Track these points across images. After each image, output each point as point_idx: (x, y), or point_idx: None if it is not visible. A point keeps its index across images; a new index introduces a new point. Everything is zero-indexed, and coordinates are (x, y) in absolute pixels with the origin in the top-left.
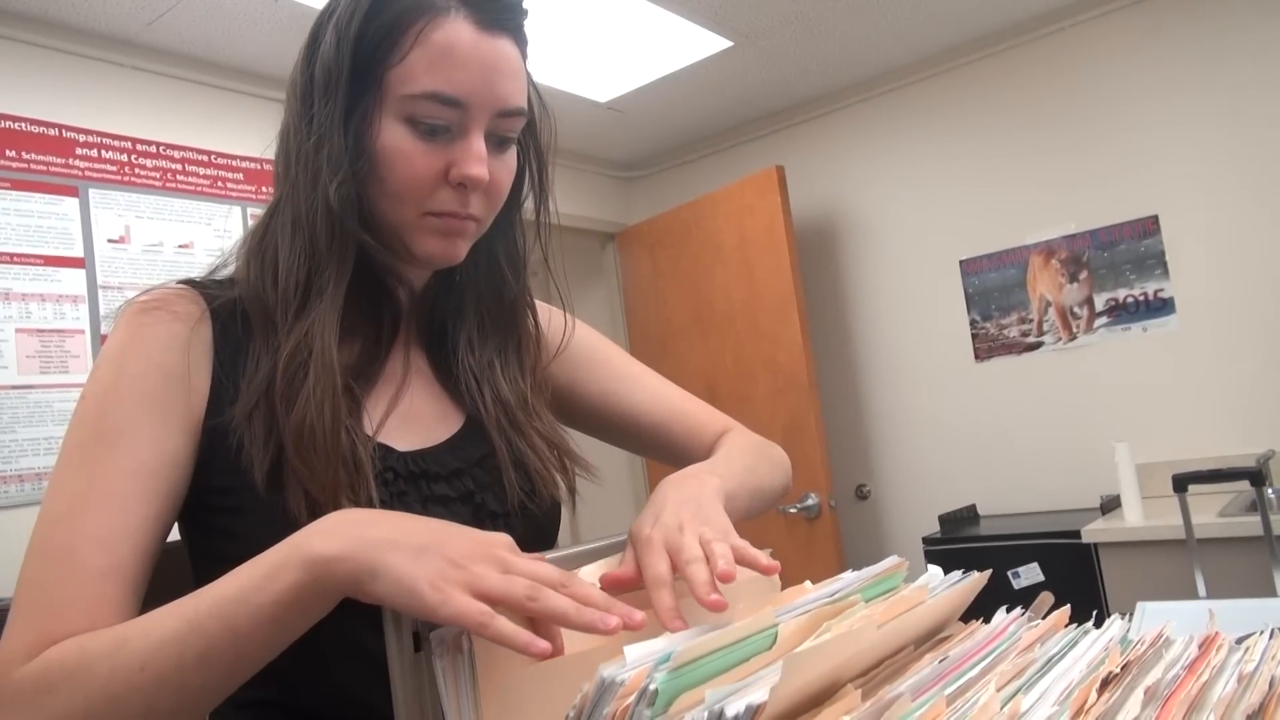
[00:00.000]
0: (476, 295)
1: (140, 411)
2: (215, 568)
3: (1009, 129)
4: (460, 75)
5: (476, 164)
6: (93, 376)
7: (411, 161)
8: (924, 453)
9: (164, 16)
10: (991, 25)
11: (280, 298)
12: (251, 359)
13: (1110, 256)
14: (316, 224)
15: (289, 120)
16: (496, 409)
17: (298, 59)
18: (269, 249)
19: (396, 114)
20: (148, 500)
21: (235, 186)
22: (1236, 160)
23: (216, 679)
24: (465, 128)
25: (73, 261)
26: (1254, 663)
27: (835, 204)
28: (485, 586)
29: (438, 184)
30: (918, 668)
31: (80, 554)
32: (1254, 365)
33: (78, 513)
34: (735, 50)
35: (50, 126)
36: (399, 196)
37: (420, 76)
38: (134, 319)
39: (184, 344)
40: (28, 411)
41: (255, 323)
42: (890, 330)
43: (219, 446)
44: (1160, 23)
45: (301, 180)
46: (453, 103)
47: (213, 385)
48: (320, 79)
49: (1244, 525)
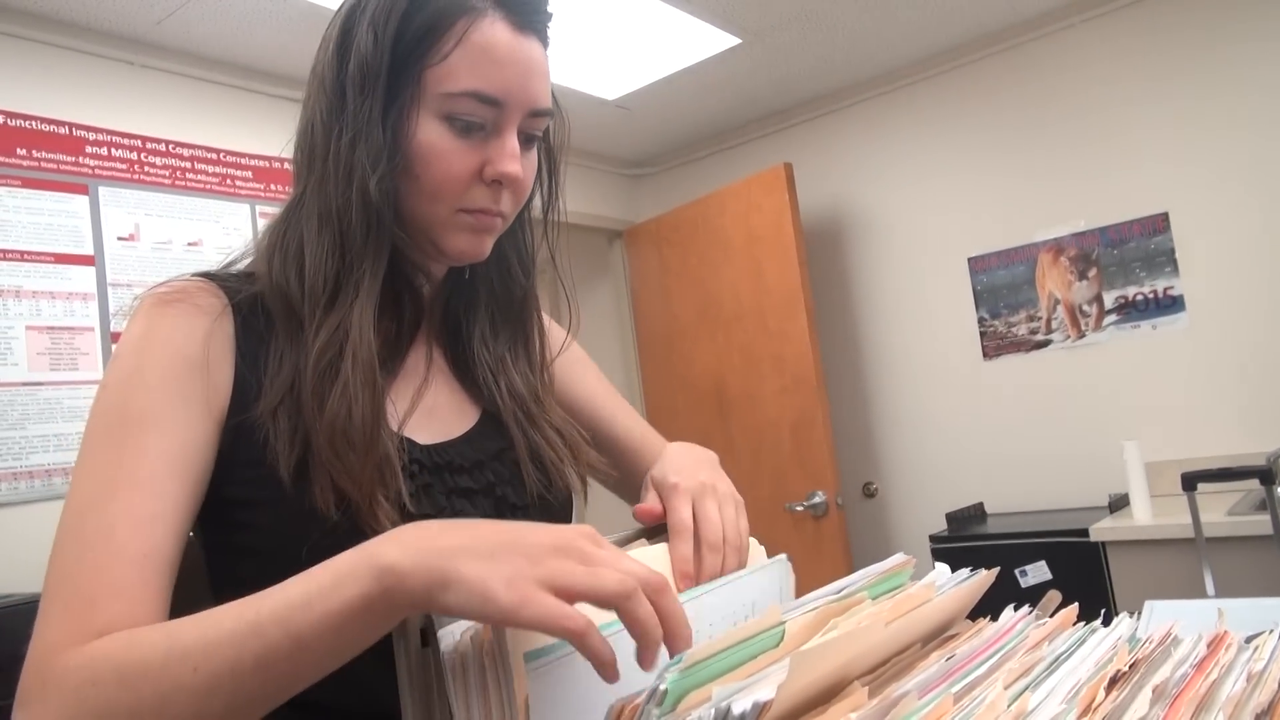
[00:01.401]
0: (489, 291)
1: (165, 397)
2: (235, 561)
3: (1018, 125)
4: (499, 75)
5: (512, 162)
6: (113, 366)
7: (448, 159)
8: (932, 451)
9: (174, 15)
10: (1000, 22)
11: (307, 292)
12: (275, 354)
13: (1120, 254)
14: (350, 218)
15: (314, 115)
16: (512, 402)
17: (325, 54)
18: (292, 244)
19: (434, 112)
20: (179, 484)
21: (244, 185)
22: (1247, 157)
23: (272, 687)
24: (500, 126)
25: (83, 259)
26: (1263, 662)
27: (843, 201)
28: (567, 583)
29: (472, 181)
30: (924, 665)
31: (117, 537)
32: (1264, 363)
33: (110, 496)
34: (743, 48)
35: (60, 125)
36: (434, 194)
37: (461, 75)
38: (154, 309)
39: (205, 336)
40: (38, 408)
41: (277, 318)
42: (898, 328)
43: (242, 443)
44: (1170, 19)
45: (332, 175)
46: (491, 102)
47: (235, 381)
48: (356, 75)
49: (1253, 524)
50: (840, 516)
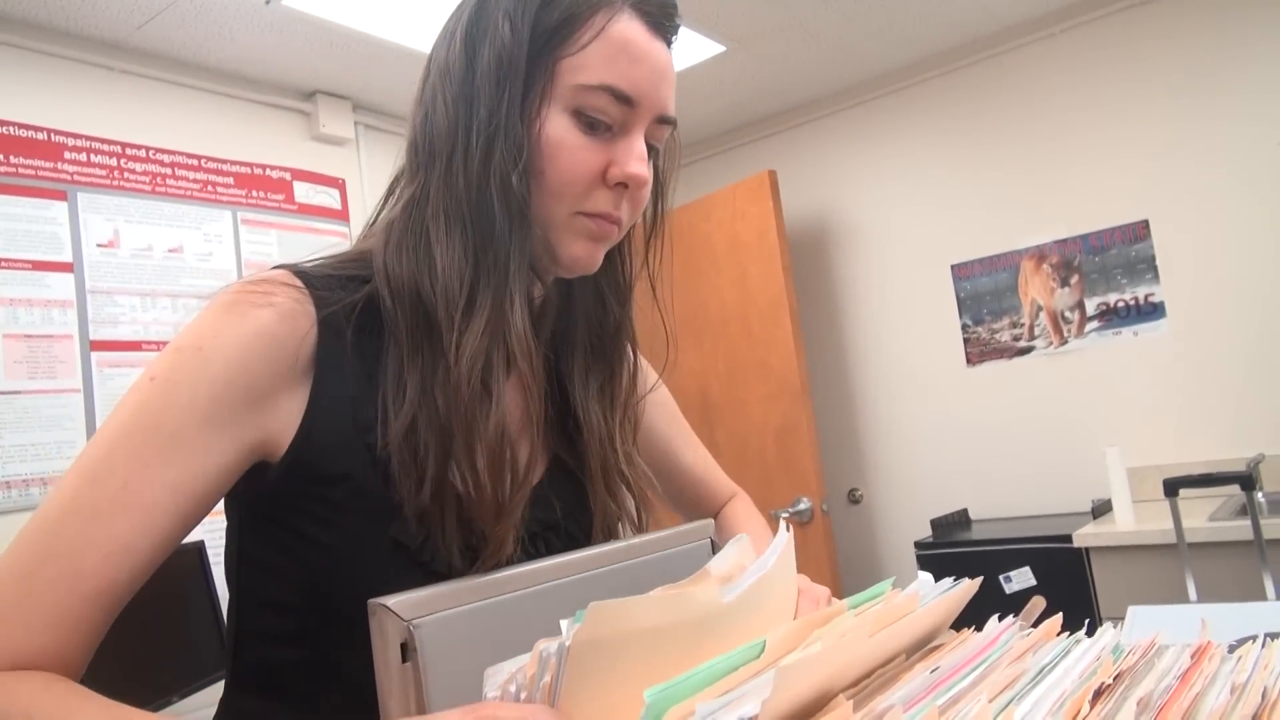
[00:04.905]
0: (586, 319)
1: (204, 417)
2: (272, 582)
3: (1000, 133)
4: (635, 72)
5: (640, 163)
6: (170, 360)
7: (575, 155)
8: (916, 457)
9: (154, 20)
10: (983, 30)
11: (440, 294)
12: (392, 370)
13: (1101, 261)
14: (491, 213)
15: (437, 108)
16: (598, 452)
17: (450, 45)
18: (417, 244)
19: (564, 105)
20: (173, 520)
21: (225, 191)
22: (1227, 164)
23: None
24: (628, 127)
25: (61, 266)
26: (1247, 673)
27: (827, 208)
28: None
29: (595, 182)
30: (909, 678)
31: (84, 563)
32: (1244, 369)
33: (97, 514)
34: (728, 55)
35: (39, 130)
36: (557, 191)
37: (597, 68)
38: (234, 310)
39: (286, 345)
40: (15, 417)
41: (400, 324)
42: (882, 334)
43: (308, 477)
44: (1151, 28)
45: (462, 169)
46: (625, 99)
47: (307, 413)
48: (493, 66)
49: (1234, 529)
50: (826, 523)
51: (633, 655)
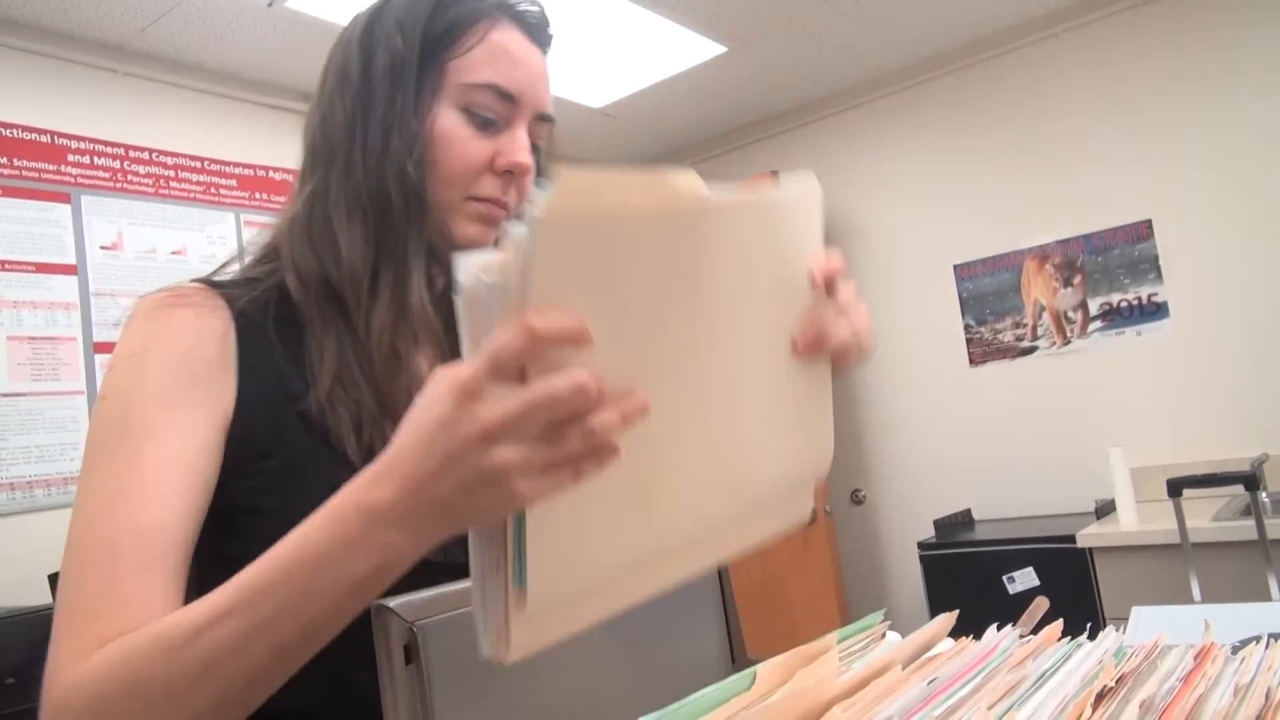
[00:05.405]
0: None
1: (167, 404)
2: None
3: (1003, 134)
4: (515, 73)
5: (524, 152)
6: (110, 375)
7: (465, 145)
8: (919, 457)
9: (157, 23)
10: (985, 31)
11: (346, 276)
12: (314, 348)
13: (1104, 261)
14: (390, 200)
15: (334, 108)
16: None
17: (346, 51)
18: (320, 233)
19: (453, 102)
20: (182, 491)
21: (228, 193)
22: (1229, 165)
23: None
24: (512, 121)
25: (65, 268)
26: (1250, 674)
27: (829, 209)
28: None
29: (484, 170)
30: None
31: (120, 550)
32: (1247, 369)
33: (111, 510)
34: (729, 56)
35: (42, 133)
36: (449, 179)
37: (482, 69)
38: (153, 314)
39: (209, 337)
40: (19, 419)
41: (311, 310)
42: (885, 335)
43: (245, 451)
44: (1154, 28)
45: (361, 162)
46: (507, 96)
47: (238, 393)
48: (388, 69)
49: (1238, 529)
50: (829, 523)
51: (609, 251)
